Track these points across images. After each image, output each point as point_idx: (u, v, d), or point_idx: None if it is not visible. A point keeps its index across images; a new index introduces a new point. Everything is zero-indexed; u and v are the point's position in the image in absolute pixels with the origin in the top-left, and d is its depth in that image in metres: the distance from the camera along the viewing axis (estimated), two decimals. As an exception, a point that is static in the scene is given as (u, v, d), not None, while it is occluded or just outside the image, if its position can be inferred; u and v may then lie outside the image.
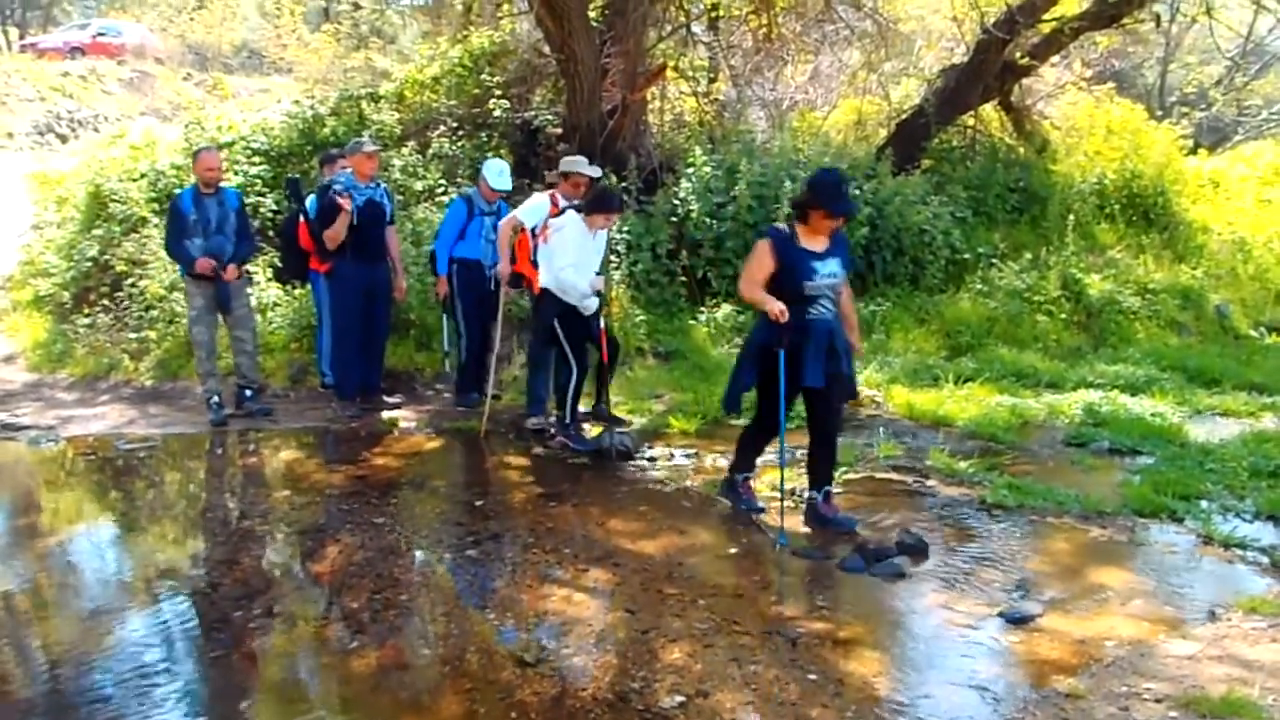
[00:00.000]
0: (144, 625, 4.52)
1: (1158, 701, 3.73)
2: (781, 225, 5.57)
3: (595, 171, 7.71)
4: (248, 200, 9.77)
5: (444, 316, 8.40)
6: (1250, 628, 4.38)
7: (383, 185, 8.12)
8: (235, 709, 3.85)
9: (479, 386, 8.05)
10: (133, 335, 9.39)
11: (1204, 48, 21.72)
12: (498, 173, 8.01)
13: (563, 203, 7.32)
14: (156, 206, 10.31)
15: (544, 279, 7.12)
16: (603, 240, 7.27)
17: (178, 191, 8.41)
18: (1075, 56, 15.26)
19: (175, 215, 7.76)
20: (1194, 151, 17.38)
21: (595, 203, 7.02)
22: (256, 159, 11.06)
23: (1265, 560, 5.17)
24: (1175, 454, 6.89)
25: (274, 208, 10.40)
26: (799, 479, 6.29)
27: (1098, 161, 14.18)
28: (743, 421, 6.23)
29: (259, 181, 10.70)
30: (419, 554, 5.36)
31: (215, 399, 7.88)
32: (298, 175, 9.26)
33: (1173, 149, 15.19)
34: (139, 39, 28.16)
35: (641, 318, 9.69)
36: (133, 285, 9.70)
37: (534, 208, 7.43)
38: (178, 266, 7.96)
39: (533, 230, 7.35)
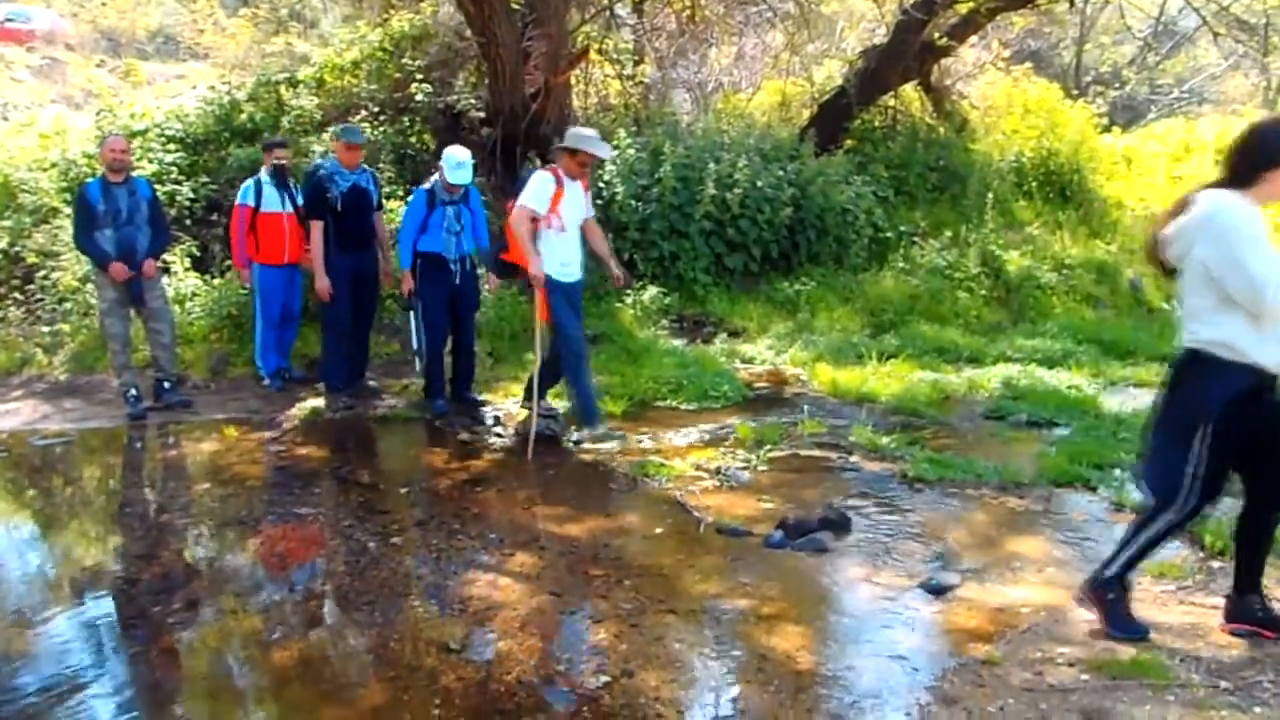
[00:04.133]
0: (63, 623, 4.42)
1: (1070, 665, 3.83)
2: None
3: (606, 151, 7.04)
4: (163, 189, 9.58)
5: (411, 315, 7.94)
6: (1160, 591, 4.51)
7: (369, 170, 7.88)
8: (156, 704, 3.78)
9: (443, 391, 7.72)
10: (45, 329, 9.15)
11: (1117, 28, 22.17)
12: (454, 165, 7.32)
13: (566, 181, 6.60)
14: (68, 196, 10.01)
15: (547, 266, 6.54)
16: None
17: (85, 182, 8.13)
18: (993, 37, 15.51)
19: (83, 206, 7.50)
20: (1108, 129, 17.79)
21: None
22: (171, 146, 10.81)
23: (1174, 526, 5.33)
24: (1090, 425, 7.07)
25: (190, 195, 10.19)
26: (723, 458, 6.36)
27: (1015, 140, 14.47)
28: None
29: (175, 169, 10.46)
30: (342, 543, 5.30)
31: (132, 392, 7.71)
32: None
33: (1088, 127, 15.54)
34: (49, 24, 27.25)
35: (568, 301, 9.67)
36: (45, 278, 9.44)
37: (538, 189, 6.55)
38: (96, 246, 7.54)
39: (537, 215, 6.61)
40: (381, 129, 11.41)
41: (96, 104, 13.70)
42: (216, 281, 9.34)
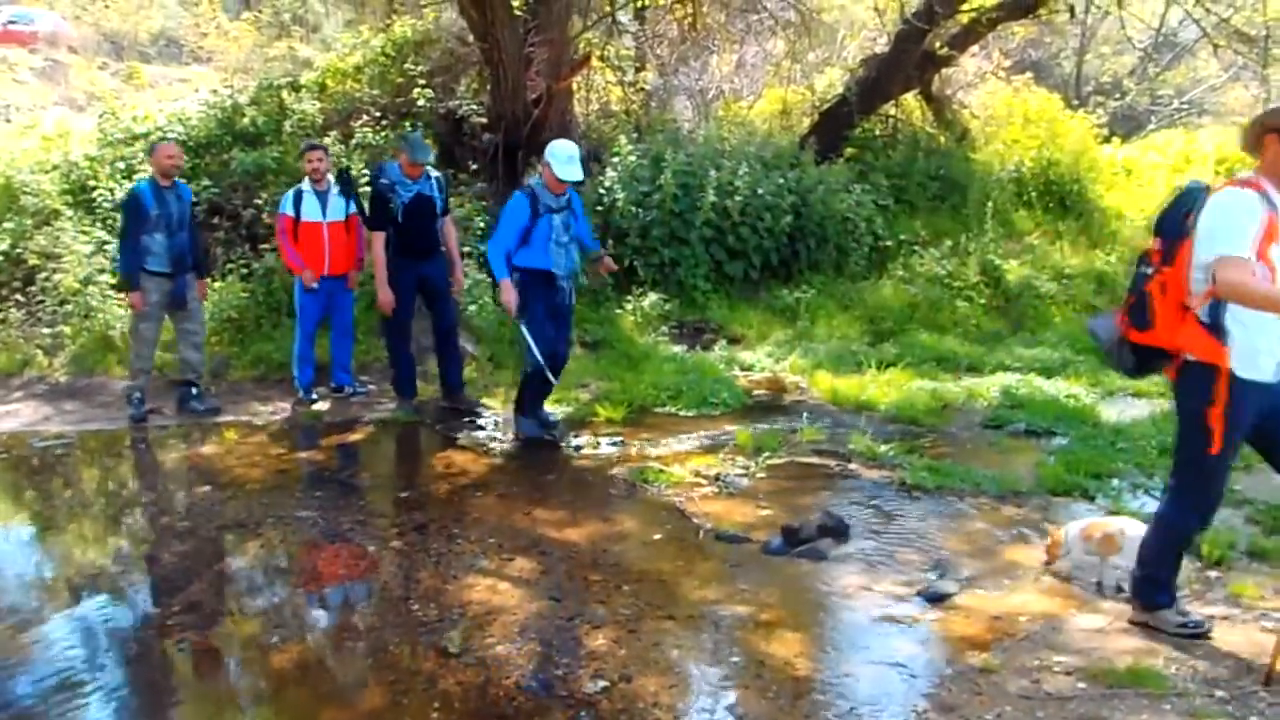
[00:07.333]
0: (62, 626, 4.43)
1: (1067, 674, 3.84)
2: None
3: None
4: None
5: (521, 327, 6.80)
6: (1156, 601, 4.52)
7: (434, 176, 7.58)
8: (155, 707, 3.80)
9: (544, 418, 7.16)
10: (46, 330, 9.15)
11: (1118, 39, 22.22)
12: (565, 159, 6.44)
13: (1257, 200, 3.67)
14: (70, 199, 10.08)
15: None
16: None
17: (136, 185, 7.98)
18: (994, 47, 15.54)
19: (136, 208, 7.41)
20: (1108, 140, 17.78)
21: None
22: (174, 149, 10.83)
23: (1171, 535, 5.34)
24: (1088, 434, 7.07)
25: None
26: (722, 464, 6.38)
27: (1016, 150, 14.47)
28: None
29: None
30: (343, 547, 5.32)
31: (138, 395, 7.71)
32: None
33: (1088, 137, 15.54)
34: (52, 27, 27.31)
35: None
36: (46, 279, 9.44)
37: (1236, 219, 3.66)
38: (134, 260, 7.44)
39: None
40: (383, 133, 11.43)
41: (99, 107, 13.71)
42: (217, 285, 9.34)
